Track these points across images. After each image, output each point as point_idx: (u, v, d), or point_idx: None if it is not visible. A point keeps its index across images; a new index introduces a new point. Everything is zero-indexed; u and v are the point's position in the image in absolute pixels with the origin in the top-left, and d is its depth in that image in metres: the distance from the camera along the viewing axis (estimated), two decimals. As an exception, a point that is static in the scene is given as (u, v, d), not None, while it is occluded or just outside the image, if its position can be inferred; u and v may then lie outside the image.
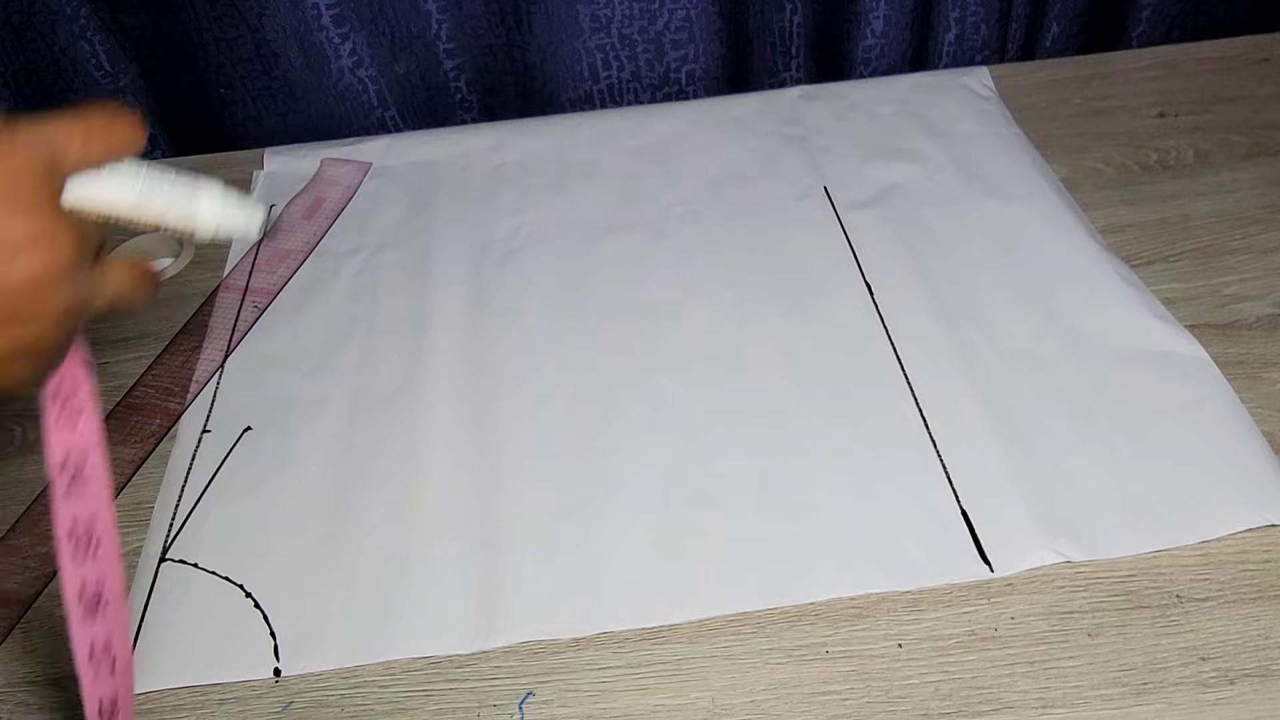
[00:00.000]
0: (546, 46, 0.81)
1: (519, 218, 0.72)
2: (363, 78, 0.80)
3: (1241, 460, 0.52)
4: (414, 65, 0.81)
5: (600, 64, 0.83)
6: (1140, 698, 0.44)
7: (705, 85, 0.86)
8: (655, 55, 0.83)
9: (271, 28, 0.76)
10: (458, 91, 0.83)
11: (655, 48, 0.82)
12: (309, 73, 0.79)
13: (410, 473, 0.56)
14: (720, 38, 0.83)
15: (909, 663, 0.46)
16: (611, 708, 0.46)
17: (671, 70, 0.84)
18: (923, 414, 0.57)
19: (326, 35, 0.77)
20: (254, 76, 0.79)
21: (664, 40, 0.82)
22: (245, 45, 0.77)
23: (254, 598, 0.51)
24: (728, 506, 0.53)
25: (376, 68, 0.80)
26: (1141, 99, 0.79)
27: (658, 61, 0.83)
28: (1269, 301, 0.62)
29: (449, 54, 0.80)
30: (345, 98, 0.81)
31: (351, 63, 0.79)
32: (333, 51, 0.78)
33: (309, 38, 0.77)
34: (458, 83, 0.82)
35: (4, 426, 0.61)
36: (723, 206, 0.72)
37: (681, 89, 0.85)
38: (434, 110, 0.84)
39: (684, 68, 0.84)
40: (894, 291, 0.64)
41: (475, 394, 0.60)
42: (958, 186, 0.72)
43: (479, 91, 0.83)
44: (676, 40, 0.82)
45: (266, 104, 0.81)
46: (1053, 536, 0.50)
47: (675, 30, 0.82)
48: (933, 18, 0.84)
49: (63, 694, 0.48)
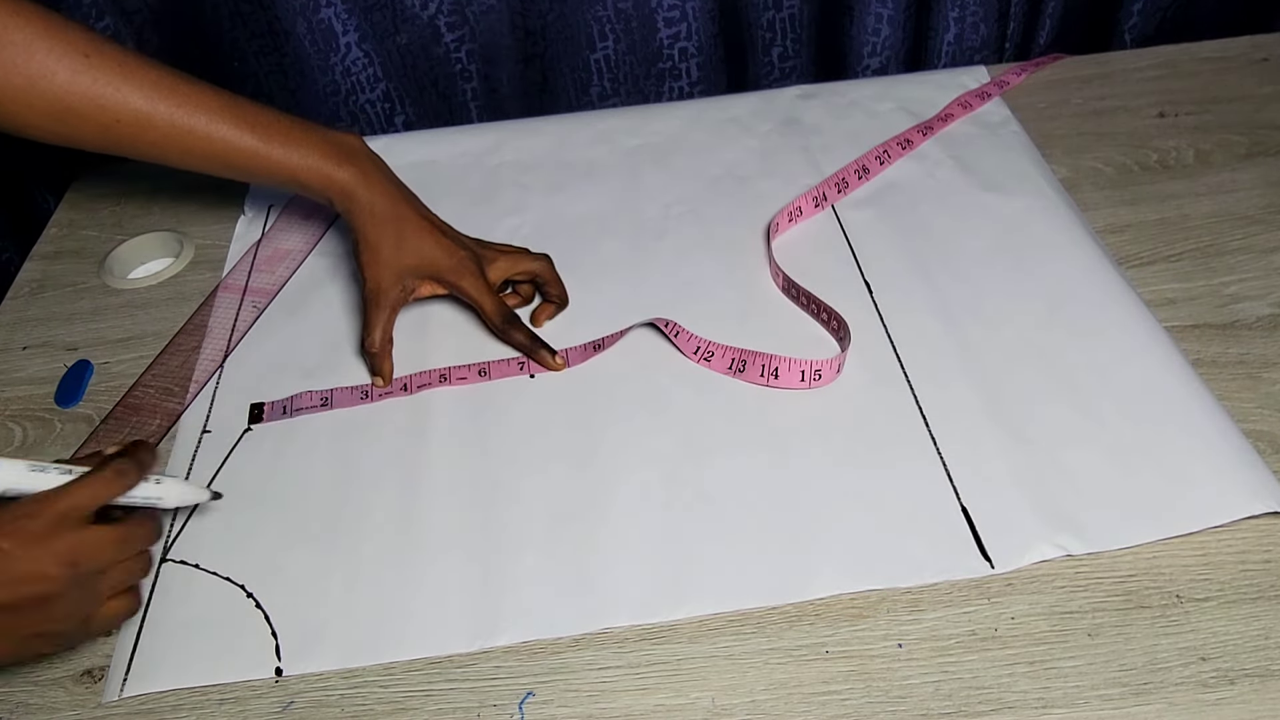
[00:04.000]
0: (548, 13, 0.81)
1: (519, 217, 0.72)
2: (369, 51, 0.80)
3: (1233, 452, 0.53)
4: (414, 37, 0.81)
5: (597, 34, 0.82)
6: (1140, 698, 0.44)
7: (699, 64, 0.85)
8: (649, 32, 0.83)
9: (281, 5, 0.77)
10: (458, 62, 0.83)
11: (648, 25, 0.83)
12: (315, 49, 0.79)
13: (411, 472, 0.56)
14: (713, 18, 0.83)
15: (909, 663, 0.46)
16: (611, 708, 0.46)
17: (664, 46, 0.84)
18: (922, 411, 0.57)
19: (335, 11, 0.78)
20: (265, 53, 0.79)
21: (657, 18, 0.82)
22: (258, 22, 0.78)
23: (255, 598, 0.51)
24: (728, 505, 0.53)
25: (376, 40, 0.80)
26: (1141, 99, 0.79)
27: (651, 38, 0.83)
28: (1269, 301, 0.62)
29: (450, 26, 0.81)
30: (350, 72, 0.81)
31: (356, 37, 0.80)
32: (340, 27, 0.79)
33: (316, 15, 0.78)
34: (458, 54, 0.82)
35: (4, 426, 0.61)
36: (722, 205, 0.72)
37: (675, 65, 0.85)
38: (435, 81, 0.84)
39: (677, 45, 0.84)
40: (892, 289, 0.64)
41: (476, 393, 0.60)
42: (956, 184, 0.72)
43: (479, 61, 0.83)
44: (669, 18, 0.82)
45: (278, 81, 0.81)
46: (1053, 531, 0.50)
47: (668, 9, 0.82)
48: (932, 17, 0.84)
49: (63, 694, 0.48)
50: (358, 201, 0.60)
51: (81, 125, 0.55)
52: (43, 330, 0.67)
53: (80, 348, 0.66)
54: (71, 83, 0.54)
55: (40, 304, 0.70)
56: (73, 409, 0.62)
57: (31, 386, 0.63)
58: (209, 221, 0.75)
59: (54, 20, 0.54)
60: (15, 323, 0.68)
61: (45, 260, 0.73)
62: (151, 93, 0.55)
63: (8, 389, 0.63)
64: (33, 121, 0.55)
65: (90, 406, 0.62)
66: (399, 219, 0.61)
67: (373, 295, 0.61)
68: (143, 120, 0.56)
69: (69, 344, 0.66)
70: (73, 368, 0.64)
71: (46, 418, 0.61)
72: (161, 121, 0.56)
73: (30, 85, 0.53)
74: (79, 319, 0.68)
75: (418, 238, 0.61)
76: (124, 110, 0.55)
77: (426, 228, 0.61)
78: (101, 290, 0.70)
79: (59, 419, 0.61)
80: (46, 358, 0.65)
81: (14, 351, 0.66)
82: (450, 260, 0.61)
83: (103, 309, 0.69)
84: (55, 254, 0.74)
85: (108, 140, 0.56)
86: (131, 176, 0.79)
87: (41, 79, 0.53)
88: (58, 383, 0.63)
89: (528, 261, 0.64)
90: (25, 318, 0.68)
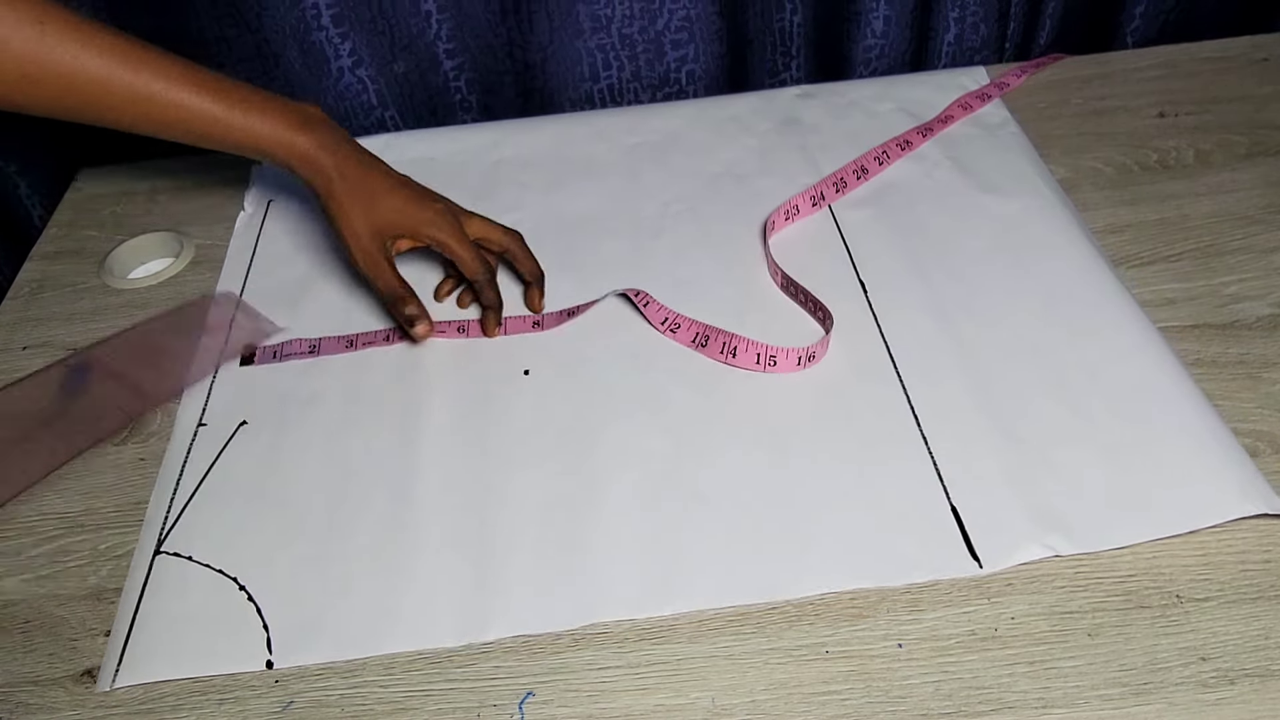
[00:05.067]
0: (547, 46, 0.81)
1: (517, 214, 0.72)
2: (362, 77, 0.80)
3: (1224, 453, 0.53)
4: (413, 65, 0.81)
5: (601, 64, 0.83)
6: (1140, 698, 0.44)
7: (705, 85, 0.86)
8: (655, 55, 0.83)
9: (271, 27, 0.76)
10: (457, 92, 0.83)
11: (655, 48, 0.82)
12: (308, 73, 0.79)
13: (405, 466, 0.56)
14: (720, 38, 0.83)
15: (909, 663, 0.46)
16: (611, 708, 0.46)
17: (672, 70, 0.84)
18: (914, 409, 0.57)
19: (326, 35, 0.77)
20: (254, 76, 0.79)
21: (664, 40, 0.82)
22: (246, 45, 0.77)
23: (248, 590, 0.51)
24: (721, 502, 0.53)
25: (375, 67, 0.80)
26: (1141, 99, 0.79)
27: (658, 61, 0.83)
28: (1269, 301, 0.62)
29: (449, 54, 0.80)
30: (345, 97, 0.81)
31: (351, 62, 0.79)
32: (332, 51, 0.78)
33: (308, 37, 0.77)
34: (457, 83, 0.82)
35: (3, 426, 0.61)
36: (720, 204, 0.72)
37: (682, 89, 0.85)
38: (434, 110, 0.84)
39: (684, 68, 0.84)
40: (887, 289, 0.64)
41: (472, 388, 0.60)
42: (954, 184, 0.72)
43: (479, 91, 0.83)
44: (677, 40, 0.82)
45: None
46: (1043, 531, 0.50)
47: (675, 30, 0.82)
48: (932, 18, 0.84)
49: (63, 694, 0.48)
50: (321, 168, 0.60)
51: (38, 93, 0.54)
52: (43, 330, 0.67)
53: (80, 348, 0.66)
54: (25, 51, 0.53)
55: (40, 304, 0.69)
56: (72, 408, 0.62)
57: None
58: (209, 221, 0.75)
59: None
60: (15, 323, 0.68)
61: (45, 260, 0.73)
62: (109, 59, 0.55)
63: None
64: None
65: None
66: (366, 179, 0.61)
67: (362, 258, 0.61)
68: (100, 86, 0.55)
69: (69, 344, 0.66)
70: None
71: (46, 417, 0.61)
72: (120, 87, 0.55)
73: None
74: (79, 319, 0.68)
75: (389, 195, 0.61)
76: (81, 76, 0.54)
77: (394, 185, 0.62)
78: (101, 290, 0.70)
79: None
80: (46, 358, 0.65)
81: (14, 351, 0.66)
82: (425, 213, 0.62)
83: (103, 309, 0.69)
84: (55, 254, 0.74)
85: (65, 107, 0.56)
86: (131, 176, 0.79)
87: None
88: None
89: (499, 232, 0.65)
90: (25, 318, 0.68)
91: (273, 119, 0.59)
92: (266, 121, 0.59)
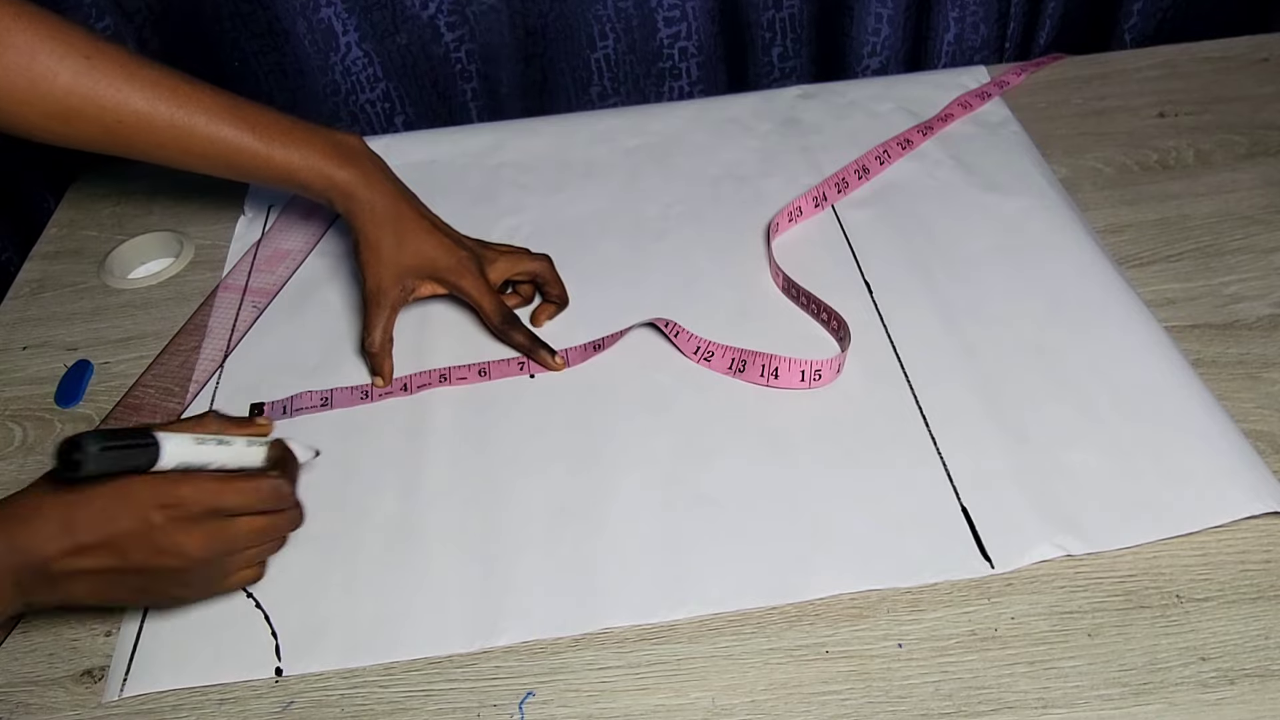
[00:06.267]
0: (548, 12, 0.81)
1: (518, 217, 0.72)
2: (369, 51, 0.80)
3: (1234, 452, 0.53)
4: (414, 37, 0.81)
5: (597, 34, 0.83)
6: (1140, 698, 0.44)
7: (699, 63, 0.85)
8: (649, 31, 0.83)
9: (281, 4, 0.77)
10: (458, 62, 0.83)
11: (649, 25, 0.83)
12: (315, 49, 0.79)
13: (412, 472, 0.56)
14: (713, 17, 0.83)
15: (909, 663, 0.46)
16: (611, 708, 0.46)
17: (665, 46, 0.84)
18: (922, 411, 0.57)
19: (334, 11, 0.78)
20: (265, 53, 0.80)
21: (657, 17, 0.82)
22: (258, 21, 0.78)
23: (255, 598, 0.51)
24: (728, 506, 0.53)
25: (377, 40, 0.80)
26: (1141, 99, 0.79)
27: (651, 38, 0.83)
28: (1269, 301, 0.62)
29: (450, 26, 0.81)
30: (351, 72, 0.82)
31: (356, 37, 0.80)
32: (340, 26, 0.79)
33: (316, 14, 0.78)
34: (458, 54, 0.82)
35: (4, 426, 0.61)
36: (722, 205, 0.72)
37: (675, 65, 0.85)
38: (435, 81, 0.84)
39: (677, 44, 0.84)
40: (892, 289, 0.64)
41: (476, 393, 0.60)
42: (956, 184, 0.72)
43: (479, 61, 0.83)
44: (669, 17, 0.82)
45: (277, 80, 0.81)
46: (1053, 531, 0.50)
47: (669, 8, 0.82)
48: (932, 17, 0.84)
49: (63, 694, 0.48)
50: (358, 202, 0.60)
51: (83, 126, 0.56)
52: (43, 330, 0.67)
53: (80, 348, 0.66)
54: (73, 84, 0.54)
55: (40, 304, 0.70)
56: (73, 409, 0.62)
57: (31, 386, 0.63)
58: (209, 221, 0.75)
59: (55, 22, 0.54)
60: (15, 323, 0.68)
61: (45, 260, 0.73)
62: (153, 93, 0.56)
63: (8, 389, 0.63)
64: (35, 123, 0.55)
65: (90, 407, 0.62)
66: (399, 219, 0.61)
67: (373, 295, 0.61)
68: (144, 121, 0.56)
69: (69, 344, 0.66)
70: (73, 368, 0.64)
71: (46, 418, 0.61)
72: (163, 122, 0.56)
73: (32, 87, 0.54)
74: (79, 319, 0.68)
75: (418, 237, 0.61)
76: (125, 111, 0.56)
77: (427, 227, 0.62)
78: (101, 290, 0.70)
79: (59, 419, 0.61)
80: (46, 358, 0.65)
81: (14, 351, 0.66)
82: (450, 260, 0.61)
83: (103, 309, 0.69)
84: (55, 254, 0.74)
85: (109, 141, 0.57)
86: (131, 176, 0.79)
87: (44, 81, 0.54)
88: (58, 383, 0.63)
89: (528, 261, 0.64)
90: (25, 318, 0.68)
91: (312, 153, 0.59)
92: (306, 155, 0.59)
